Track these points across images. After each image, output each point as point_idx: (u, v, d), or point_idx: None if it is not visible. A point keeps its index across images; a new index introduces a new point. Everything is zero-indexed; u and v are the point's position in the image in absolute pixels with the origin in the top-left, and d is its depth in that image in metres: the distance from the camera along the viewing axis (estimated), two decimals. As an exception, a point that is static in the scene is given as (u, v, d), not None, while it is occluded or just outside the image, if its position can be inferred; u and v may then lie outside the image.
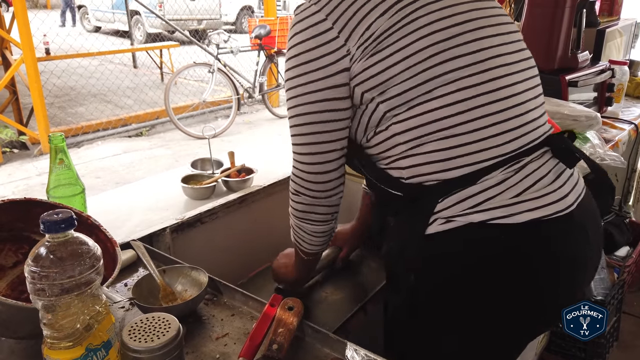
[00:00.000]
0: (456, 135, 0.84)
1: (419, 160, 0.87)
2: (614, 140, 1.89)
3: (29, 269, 0.61)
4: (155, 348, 0.68)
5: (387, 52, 0.84)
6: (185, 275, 0.99)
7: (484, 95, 0.85)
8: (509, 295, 0.87)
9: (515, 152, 0.86)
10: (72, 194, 1.11)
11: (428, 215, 0.87)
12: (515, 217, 0.83)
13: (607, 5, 2.62)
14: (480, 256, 0.85)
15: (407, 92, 0.85)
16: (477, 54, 0.86)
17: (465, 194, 0.85)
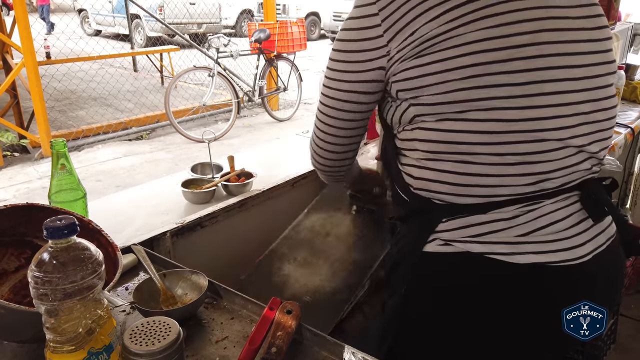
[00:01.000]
0: (475, 164, 0.80)
1: (429, 175, 0.85)
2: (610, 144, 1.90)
3: (32, 274, 0.62)
4: (156, 351, 0.69)
5: (428, 59, 0.80)
6: (186, 279, 1.01)
7: (516, 134, 0.78)
8: (494, 332, 0.84)
9: (537, 194, 0.81)
10: (73, 198, 1.12)
11: (429, 233, 0.86)
12: (516, 257, 0.79)
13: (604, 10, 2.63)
14: (470, 288, 0.84)
15: (439, 106, 0.82)
16: (524, 86, 0.78)
17: (470, 221, 0.82)
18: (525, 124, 0.78)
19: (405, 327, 0.93)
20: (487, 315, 0.84)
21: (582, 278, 0.83)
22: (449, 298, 0.86)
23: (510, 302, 0.83)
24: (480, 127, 0.79)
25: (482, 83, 0.78)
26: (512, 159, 0.79)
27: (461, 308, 0.85)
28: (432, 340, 0.90)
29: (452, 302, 0.86)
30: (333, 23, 12.49)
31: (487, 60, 0.78)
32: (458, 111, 0.80)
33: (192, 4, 10.54)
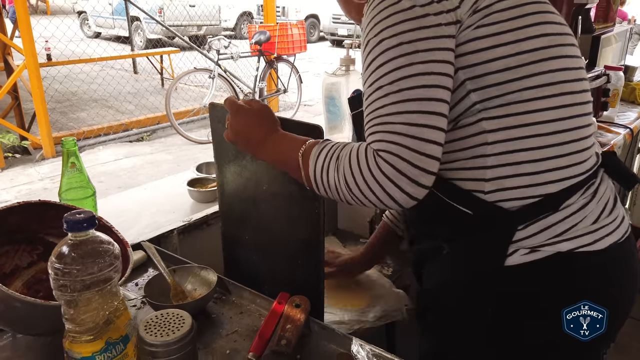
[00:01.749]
0: (549, 146, 0.77)
1: (506, 171, 0.77)
2: (609, 144, 1.93)
3: (53, 265, 0.64)
4: (171, 342, 0.71)
5: (497, 28, 0.74)
6: (195, 274, 1.03)
7: (575, 106, 0.78)
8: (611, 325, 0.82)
9: (590, 172, 0.82)
10: (83, 196, 1.14)
11: (506, 244, 0.79)
12: (598, 244, 0.80)
13: (602, 12, 2.67)
14: (574, 286, 0.81)
15: (508, 84, 0.75)
16: (573, 59, 0.80)
17: (549, 221, 0.79)
18: (581, 95, 0.80)
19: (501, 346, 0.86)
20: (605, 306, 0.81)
21: (632, 245, 0.87)
22: (552, 303, 0.81)
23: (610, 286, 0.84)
24: (554, 102, 0.76)
25: (552, 54, 0.77)
26: (575, 134, 0.79)
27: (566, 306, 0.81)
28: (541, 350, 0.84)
29: (556, 306, 0.81)
30: (332, 25, 12.52)
31: (549, 32, 0.77)
32: (530, 87, 0.75)
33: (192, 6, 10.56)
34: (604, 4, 2.65)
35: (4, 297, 0.78)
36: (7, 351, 0.87)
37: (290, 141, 0.84)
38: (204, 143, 5.37)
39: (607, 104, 2.18)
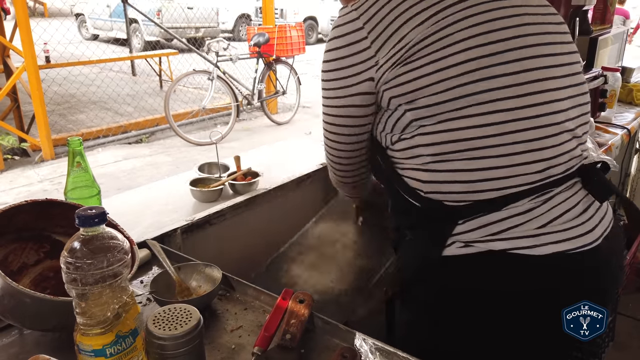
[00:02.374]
0: (485, 158, 0.82)
1: (440, 177, 0.85)
2: (607, 144, 1.95)
3: (65, 260, 0.65)
4: (179, 335, 0.73)
5: (420, 62, 0.83)
6: (200, 272, 1.04)
7: (520, 121, 0.82)
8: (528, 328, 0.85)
9: (545, 182, 0.83)
10: (89, 195, 1.15)
11: (446, 237, 0.85)
12: (539, 249, 0.81)
13: (600, 13, 2.69)
14: (499, 285, 0.84)
15: (437, 106, 0.83)
16: (519, 75, 0.82)
17: (488, 220, 0.83)
18: (525, 110, 0.82)
19: (433, 332, 0.92)
20: (518, 309, 0.84)
21: (599, 260, 0.86)
22: (478, 299, 0.85)
23: (540, 292, 0.83)
24: (485, 120, 0.81)
25: (478, 77, 0.81)
26: (520, 147, 0.82)
27: (491, 307, 0.85)
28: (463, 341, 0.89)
29: (481, 302, 0.85)
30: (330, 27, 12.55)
31: (480, 54, 0.82)
32: (459, 108, 0.82)
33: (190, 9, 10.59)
34: (601, 6, 2.68)
35: (14, 293, 0.80)
36: (16, 347, 0.88)
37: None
38: (203, 145, 5.38)
39: (605, 104, 2.20)
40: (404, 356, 0.81)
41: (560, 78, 0.87)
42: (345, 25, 0.90)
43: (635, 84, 2.60)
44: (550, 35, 0.88)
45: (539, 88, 0.84)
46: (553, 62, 0.86)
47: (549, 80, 0.85)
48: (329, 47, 0.94)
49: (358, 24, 0.88)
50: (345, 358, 0.79)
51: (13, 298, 0.81)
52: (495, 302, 0.85)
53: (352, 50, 0.90)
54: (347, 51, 0.90)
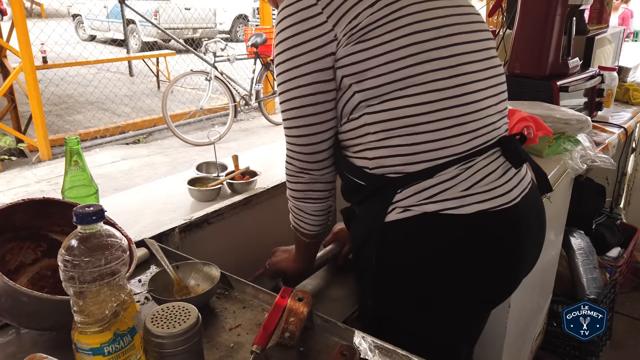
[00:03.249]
0: (420, 133, 0.91)
1: (384, 152, 0.93)
2: (604, 143, 1.95)
3: (62, 257, 0.65)
4: (177, 334, 0.72)
5: (371, 43, 0.89)
6: (198, 270, 1.04)
7: (448, 100, 0.91)
8: (458, 278, 0.96)
9: (470, 152, 0.94)
10: (86, 194, 1.15)
11: (387, 205, 0.94)
12: (464, 209, 0.91)
13: (596, 13, 2.70)
14: (432, 243, 0.94)
15: (383, 87, 0.90)
16: (449, 59, 0.92)
17: (422, 186, 0.92)
18: (453, 90, 0.92)
19: (381, 291, 1.00)
20: (451, 262, 0.95)
21: (518, 217, 0.97)
22: (417, 256, 0.95)
23: (468, 248, 0.94)
24: (421, 99, 0.90)
25: (418, 60, 0.90)
26: (449, 123, 0.92)
27: (428, 262, 0.95)
28: (407, 294, 0.99)
29: (419, 258, 0.95)
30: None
31: (420, 39, 0.90)
32: (400, 88, 0.90)
33: (187, 9, 10.59)
34: (597, 6, 2.69)
35: (11, 292, 0.80)
36: (13, 346, 0.88)
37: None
38: (200, 145, 5.38)
39: (602, 104, 2.21)
40: (403, 354, 0.81)
41: (481, 61, 0.97)
42: (296, 3, 0.92)
43: (632, 84, 2.61)
44: (470, 24, 0.98)
45: (465, 70, 0.94)
46: (475, 47, 0.97)
47: (472, 63, 0.95)
48: (283, 27, 0.93)
49: (311, 1, 0.91)
50: (344, 356, 0.79)
51: (10, 297, 0.80)
52: (428, 256, 0.94)
53: (309, 25, 0.91)
54: (303, 26, 0.91)
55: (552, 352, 2.26)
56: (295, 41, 0.92)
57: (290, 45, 0.93)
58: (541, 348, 2.24)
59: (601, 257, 2.41)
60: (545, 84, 1.91)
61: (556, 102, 1.90)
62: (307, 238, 1.19)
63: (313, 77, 0.94)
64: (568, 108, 1.86)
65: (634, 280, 2.82)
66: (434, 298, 0.98)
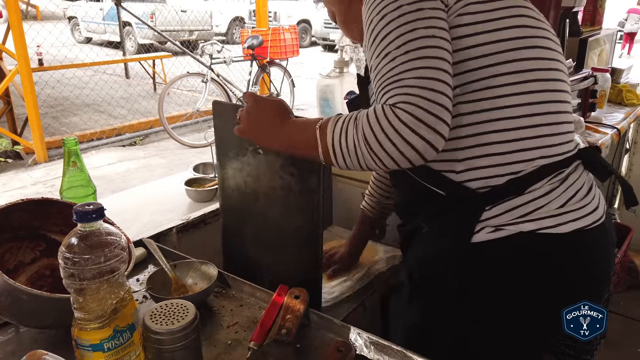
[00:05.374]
0: (519, 129, 0.83)
1: (477, 152, 0.84)
2: (597, 144, 1.97)
3: (63, 255, 0.66)
4: (175, 330, 0.74)
5: (479, 17, 0.82)
6: (195, 269, 1.05)
7: (547, 93, 0.86)
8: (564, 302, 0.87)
9: (561, 158, 0.88)
10: (84, 194, 1.16)
11: (474, 223, 0.86)
12: (561, 227, 0.85)
13: (590, 15, 2.73)
14: (532, 265, 0.87)
15: (486, 69, 0.82)
16: (548, 51, 0.88)
17: (514, 203, 0.85)
18: (552, 83, 0.87)
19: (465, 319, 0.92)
20: (552, 285, 0.88)
21: (607, 235, 0.93)
22: (514, 280, 0.87)
23: (568, 269, 0.88)
24: (523, 88, 0.83)
25: (526, 44, 0.84)
26: (547, 119, 0.86)
27: (528, 286, 0.88)
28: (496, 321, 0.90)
29: (518, 283, 0.87)
30: (324, 30, 12.58)
31: (526, 24, 0.86)
32: (504, 73, 0.82)
33: (184, 12, 10.59)
34: (590, 8, 2.72)
35: (11, 290, 0.81)
36: (13, 344, 0.89)
37: (307, 122, 0.88)
38: (197, 147, 5.38)
39: (595, 105, 2.22)
40: (398, 349, 0.82)
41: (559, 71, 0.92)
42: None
43: (625, 85, 2.63)
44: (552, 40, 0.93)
45: (556, 66, 0.89)
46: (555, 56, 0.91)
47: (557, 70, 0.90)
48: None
49: None
50: (340, 352, 0.80)
51: (10, 295, 0.81)
52: (528, 279, 0.87)
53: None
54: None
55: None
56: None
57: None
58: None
59: (595, 257, 2.43)
60: (539, 85, 1.92)
61: (550, 103, 1.91)
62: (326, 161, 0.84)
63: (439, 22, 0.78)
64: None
65: (628, 279, 2.84)
66: (529, 323, 0.90)
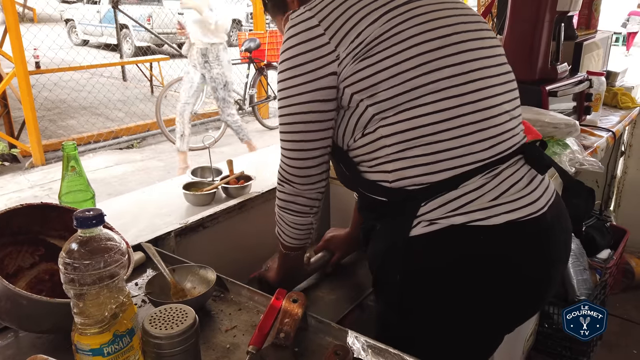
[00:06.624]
0: (440, 141, 0.90)
1: (404, 164, 0.92)
2: (592, 147, 1.98)
3: (63, 260, 0.67)
4: (175, 335, 0.74)
5: (378, 57, 0.90)
6: (194, 273, 1.05)
7: (466, 105, 0.91)
8: (490, 292, 0.93)
9: (493, 159, 0.93)
10: (83, 199, 1.16)
11: (411, 219, 0.92)
12: (493, 219, 0.90)
13: (585, 19, 2.75)
14: (462, 255, 0.91)
15: (396, 97, 0.90)
16: (461, 65, 0.92)
17: (447, 198, 0.90)
18: (469, 95, 0.92)
19: (408, 311, 0.98)
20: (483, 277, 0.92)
21: (546, 226, 0.96)
22: (444, 270, 0.92)
23: (498, 259, 0.92)
24: (437, 107, 0.90)
25: (430, 68, 0.90)
26: (469, 129, 0.91)
27: (459, 277, 0.92)
28: (433, 310, 0.96)
29: (447, 272, 0.92)
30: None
31: (429, 48, 0.91)
32: (414, 98, 0.90)
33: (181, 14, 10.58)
34: (586, 12, 2.74)
35: (10, 295, 0.81)
36: (12, 349, 0.89)
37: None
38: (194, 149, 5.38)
39: (590, 108, 2.24)
40: (395, 353, 0.83)
41: (493, 67, 0.97)
42: (300, 24, 0.94)
43: (620, 88, 2.65)
44: (478, 31, 0.99)
45: (477, 76, 0.94)
46: (485, 54, 0.97)
47: (485, 69, 0.95)
48: (286, 47, 0.96)
49: (314, 22, 0.92)
50: (338, 355, 0.80)
51: (10, 300, 0.82)
52: (458, 269, 0.92)
53: (311, 46, 0.92)
54: (306, 47, 0.93)
55: (544, 353, 2.28)
56: (296, 61, 0.94)
57: (292, 65, 0.95)
58: (533, 349, 2.27)
59: (591, 259, 2.45)
60: (535, 88, 1.94)
61: (545, 107, 1.93)
62: (284, 249, 1.20)
63: (310, 95, 0.95)
64: (557, 112, 1.89)
65: (624, 281, 2.86)
66: (461, 312, 0.95)
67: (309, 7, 0.95)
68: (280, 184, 1.08)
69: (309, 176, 1.04)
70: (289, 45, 0.95)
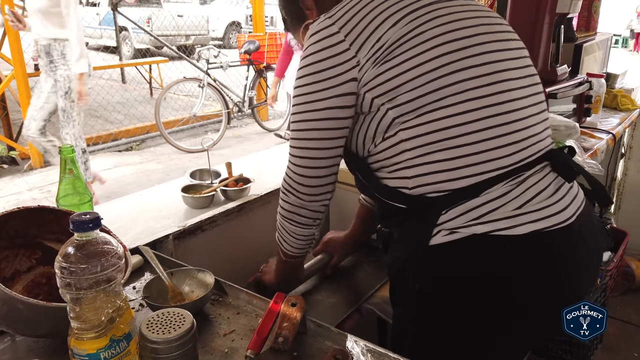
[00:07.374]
0: (463, 146, 0.87)
1: (424, 169, 0.89)
2: (592, 149, 1.98)
3: (59, 264, 0.66)
4: (172, 339, 0.74)
5: (399, 60, 0.88)
6: (192, 277, 1.05)
7: (490, 107, 0.88)
8: (513, 304, 0.89)
9: (517, 165, 0.89)
10: (80, 202, 1.16)
11: (431, 227, 0.89)
12: (517, 229, 0.85)
13: (584, 21, 2.75)
14: (482, 266, 0.88)
15: (417, 100, 0.88)
16: (485, 66, 0.90)
17: (469, 206, 0.87)
18: (493, 97, 0.89)
19: (426, 321, 0.95)
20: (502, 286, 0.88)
21: (574, 237, 0.91)
22: (465, 281, 0.89)
23: (521, 270, 0.88)
24: (459, 109, 0.87)
25: (452, 69, 0.88)
26: (493, 132, 0.88)
27: (480, 288, 0.89)
28: (451, 322, 0.92)
29: (467, 284, 0.89)
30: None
31: (451, 49, 0.89)
32: (436, 100, 0.87)
33: (180, 16, 10.60)
34: (585, 14, 2.74)
35: (7, 299, 0.80)
36: (8, 354, 0.88)
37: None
38: (193, 152, 5.38)
39: (590, 110, 2.24)
40: (394, 357, 0.82)
41: (517, 69, 0.95)
42: (320, 31, 0.93)
43: (620, 90, 2.65)
44: (501, 33, 0.97)
45: (502, 77, 0.91)
46: (510, 55, 0.95)
47: (510, 70, 0.93)
48: (307, 53, 0.95)
49: (334, 29, 0.92)
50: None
51: (6, 304, 0.81)
52: (479, 280, 0.89)
53: (332, 53, 0.91)
54: (327, 54, 0.92)
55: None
56: (316, 67, 0.93)
57: (312, 71, 0.93)
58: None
59: (591, 261, 2.44)
60: (535, 90, 1.93)
61: (545, 109, 1.92)
62: (284, 256, 1.19)
63: (329, 102, 0.93)
64: (557, 114, 1.89)
65: (624, 284, 2.85)
66: (480, 326, 0.91)
67: (329, 15, 0.94)
68: (284, 193, 1.06)
69: (316, 186, 1.01)
70: (309, 52, 0.94)
